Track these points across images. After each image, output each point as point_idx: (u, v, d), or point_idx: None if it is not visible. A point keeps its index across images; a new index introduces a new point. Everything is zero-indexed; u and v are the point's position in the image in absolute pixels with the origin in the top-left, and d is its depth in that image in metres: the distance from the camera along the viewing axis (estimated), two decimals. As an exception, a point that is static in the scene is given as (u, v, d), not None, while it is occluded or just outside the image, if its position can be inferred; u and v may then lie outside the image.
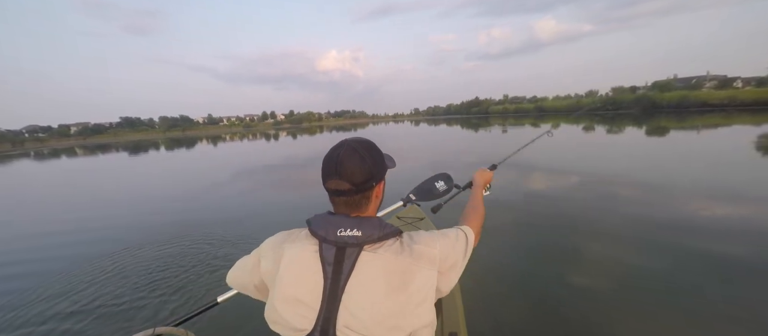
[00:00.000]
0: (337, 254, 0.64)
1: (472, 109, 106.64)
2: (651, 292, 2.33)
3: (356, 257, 0.64)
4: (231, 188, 7.28)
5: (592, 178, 6.06)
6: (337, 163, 0.67)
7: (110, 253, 3.53)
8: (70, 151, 33.51)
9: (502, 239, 3.45)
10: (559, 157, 9.06)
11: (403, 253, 0.65)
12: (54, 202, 7.27)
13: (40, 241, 4.38)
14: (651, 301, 2.24)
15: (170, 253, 3.40)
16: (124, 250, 3.57)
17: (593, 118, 31.90)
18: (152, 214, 5.42)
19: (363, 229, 0.65)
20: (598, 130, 17.62)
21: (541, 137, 1.66)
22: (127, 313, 2.34)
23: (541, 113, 63.12)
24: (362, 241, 0.64)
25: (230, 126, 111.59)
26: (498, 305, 2.28)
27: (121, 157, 20.00)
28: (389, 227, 0.68)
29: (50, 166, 17.46)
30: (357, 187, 0.67)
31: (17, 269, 3.40)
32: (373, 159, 0.70)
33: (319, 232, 0.66)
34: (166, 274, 2.94)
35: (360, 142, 0.71)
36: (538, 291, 2.47)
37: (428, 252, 0.67)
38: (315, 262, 0.65)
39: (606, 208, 4.28)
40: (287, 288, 0.66)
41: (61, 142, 66.58)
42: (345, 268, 0.63)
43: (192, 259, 3.22)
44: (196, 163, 14.19)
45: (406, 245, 0.67)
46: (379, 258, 0.64)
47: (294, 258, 0.67)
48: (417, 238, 0.70)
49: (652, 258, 2.86)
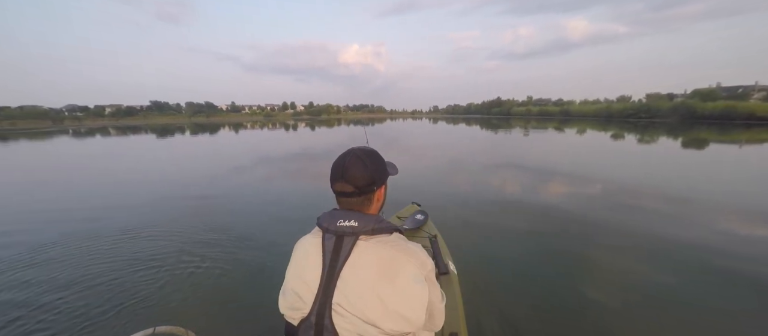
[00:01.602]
0: (336, 242, 0.74)
1: (492, 110, 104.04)
2: (657, 304, 2.32)
3: (352, 245, 0.73)
4: (250, 176, 7.26)
5: (613, 186, 5.74)
6: (344, 169, 0.77)
7: (114, 240, 3.48)
8: (104, 130, 35.50)
9: (503, 239, 3.45)
10: (580, 162, 8.65)
11: (395, 246, 0.74)
12: (75, 182, 7.25)
13: (41, 223, 4.17)
14: (657, 312, 2.22)
15: (175, 249, 3.26)
16: (130, 238, 3.52)
17: (623, 125, 30.23)
18: (160, 202, 5.18)
19: (360, 221, 0.74)
20: (628, 138, 16.65)
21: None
22: (128, 312, 2.26)
23: (567, 117, 60.51)
24: (358, 230, 0.73)
25: (251, 114, 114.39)
26: (498, 306, 2.29)
27: (150, 139, 20.98)
28: (386, 223, 0.76)
29: (84, 145, 18.54)
30: (360, 190, 0.77)
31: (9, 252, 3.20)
32: (374, 166, 0.80)
33: (323, 224, 0.77)
34: (171, 269, 2.82)
35: (365, 151, 0.81)
36: (540, 292, 2.48)
37: (418, 253, 0.75)
38: (318, 250, 0.75)
39: (622, 218, 4.09)
40: (294, 274, 0.77)
41: (97, 121, 70.58)
42: (342, 255, 0.72)
43: (200, 256, 3.08)
44: (219, 148, 14.60)
45: (400, 241, 0.76)
46: (372, 246, 0.73)
47: (302, 249, 0.79)
48: (411, 242, 0.78)
49: (665, 272, 2.75)
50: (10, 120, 63.35)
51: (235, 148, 14.43)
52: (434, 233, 1.92)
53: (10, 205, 5.30)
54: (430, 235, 1.84)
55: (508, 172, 7.44)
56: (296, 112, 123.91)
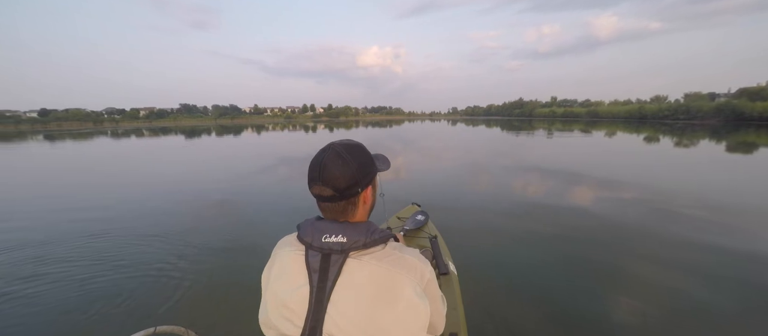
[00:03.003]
0: (323, 261, 0.63)
1: (514, 111, 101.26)
2: (666, 309, 2.24)
3: (341, 264, 0.62)
4: (260, 177, 7.24)
5: (633, 190, 5.31)
6: (321, 168, 0.65)
7: (115, 240, 3.49)
8: (139, 131, 37.81)
9: (504, 240, 3.43)
10: (598, 164, 8.15)
11: (391, 262, 0.63)
12: (88, 182, 7.24)
13: (54, 221, 4.23)
14: (666, 318, 2.15)
15: (176, 248, 3.25)
16: (132, 238, 3.51)
17: (659, 127, 28.30)
18: (163, 203, 5.12)
19: (348, 234, 0.63)
20: (663, 142, 15.51)
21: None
22: (129, 311, 2.25)
23: (595, 119, 57.56)
24: (347, 247, 0.63)
25: (273, 117, 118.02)
26: (499, 306, 2.27)
27: (173, 140, 22.04)
28: (378, 233, 0.65)
29: (115, 145, 19.77)
30: (341, 193, 0.65)
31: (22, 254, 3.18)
32: (358, 164, 0.67)
33: (306, 239, 0.65)
34: (172, 269, 2.81)
35: (346, 145, 0.68)
36: (541, 293, 2.44)
37: (416, 264, 0.65)
38: (301, 269, 0.64)
39: (642, 224, 3.84)
40: (276, 293, 0.66)
41: (132, 123, 75.79)
42: (330, 276, 0.62)
43: (202, 256, 3.07)
44: (236, 151, 15.06)
45: (395, 253, 0.65)
46: (365, 266, 0.63)
47: (283, 263, 0.67)
48: (407, 251, 0.68)
49: (690, 282, 2.57)
50: (57, 122, 70.36)
51: (251, 150, 14.79)
52: (434, 234, 1.92)
53: (16, 200, 5.49)
54: (431, 235, 1.83)
55: (518, 173, 7.08)
56: (315, 114, 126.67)
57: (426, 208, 2.36)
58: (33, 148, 17.83)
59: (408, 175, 7.09)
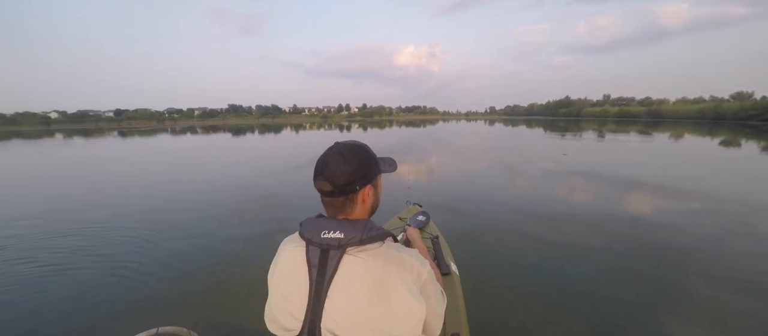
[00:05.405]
0: (321, 256, 0.66)
1: (560, 110, 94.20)
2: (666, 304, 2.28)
3: (339, 260, 0.65)
4: (274, 178, 7.06)
5: (666, 197, 4.49)
6: (324, 165, 0.70)
7: (117, 239, 3.51)
8: (193, 129, 41.82)
9: (506, 240, 3.44)
10: (649, 172, 7.07)
11: (387, 259, 0.66)
12: (102, 180, 7.27)
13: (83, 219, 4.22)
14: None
15: (177, 248, 3.25)
16: (134, 239, 3.52)
17: (740, 130, 24.35)
18: (166, 204, 5.03)
19: (345, 231, 0.66)
20: (746, 146, 13.21)
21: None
22: (131, 311, 2.26)
23: (656, 119, 51.12)
24: (344, 243, 0.65)
25: (310, 116, 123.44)
26: (500, 306, 2.28)
27: (204, 138, 23.76)
28: (375, 230, 0.68)
29: (175, 141, 21.84)
30: (339, 189, 0.69)
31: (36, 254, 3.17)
32: (358, 162, 0.71)
33: (306, 235, 0.69)
34: (174, 269, 2.81)
35: (349, 145, 0.73)
36: (542, 293, 2.44)
37: (413, 262, 0.67)
38: (302, 264, 0.67)
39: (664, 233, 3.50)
40: (279, 288, 0.70)
41: (188, 121, 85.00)
42: (328, 271, 0.65)
43: (202, 256, 3.06)
44: (263, 150, 15.72)
45: (392, 251, 0.68)
46: (361, 261, 0.65)
47: (285, 259, 0.71)
48: (405, 250, 0.70)
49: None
50: (128, 120, 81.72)
51: (276, 150, 15.35)
52: (436, 234, 1.90)
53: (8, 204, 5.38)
54: (432, 235, 1.82)
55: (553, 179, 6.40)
56: (350, 114, 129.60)
57: (428, 208, 2.28)
58: (107, 142, 20.39)
59: (423, 175, 6.82)
